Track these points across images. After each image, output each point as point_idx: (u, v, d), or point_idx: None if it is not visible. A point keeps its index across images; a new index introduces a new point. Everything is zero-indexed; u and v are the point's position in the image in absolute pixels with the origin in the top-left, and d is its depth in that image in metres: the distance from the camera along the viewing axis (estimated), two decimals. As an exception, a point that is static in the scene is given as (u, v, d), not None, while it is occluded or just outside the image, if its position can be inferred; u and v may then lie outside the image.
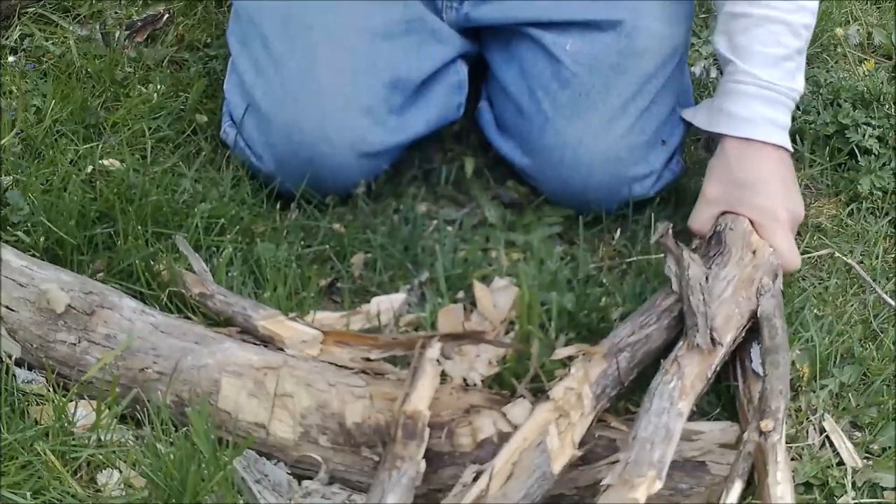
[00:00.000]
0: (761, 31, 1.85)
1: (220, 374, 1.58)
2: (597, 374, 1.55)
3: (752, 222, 1.80)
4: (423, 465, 1.43)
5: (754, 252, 1.75)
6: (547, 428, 1.48)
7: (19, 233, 1.80)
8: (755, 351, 1.67)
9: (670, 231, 1.73)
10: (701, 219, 1.85)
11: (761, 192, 1.81)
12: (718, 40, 1.89)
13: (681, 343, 1.58)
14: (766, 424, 1.51)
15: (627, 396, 1.65)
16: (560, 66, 1.95)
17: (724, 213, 1.82)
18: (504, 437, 1.50)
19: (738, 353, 1.68)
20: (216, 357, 1.59)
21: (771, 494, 1.46)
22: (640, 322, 1.63)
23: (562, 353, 1.61)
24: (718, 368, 1.61)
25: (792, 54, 1.86)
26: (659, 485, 1.42)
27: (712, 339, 1.58)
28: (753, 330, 1.68)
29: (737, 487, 1.47)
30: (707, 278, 1.66)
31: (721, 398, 1.69)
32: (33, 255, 1.75)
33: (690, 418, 1.55)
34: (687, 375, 1.54)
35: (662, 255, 1.73)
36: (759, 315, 1.67)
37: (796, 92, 1.87)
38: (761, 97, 1.84)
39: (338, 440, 1.55)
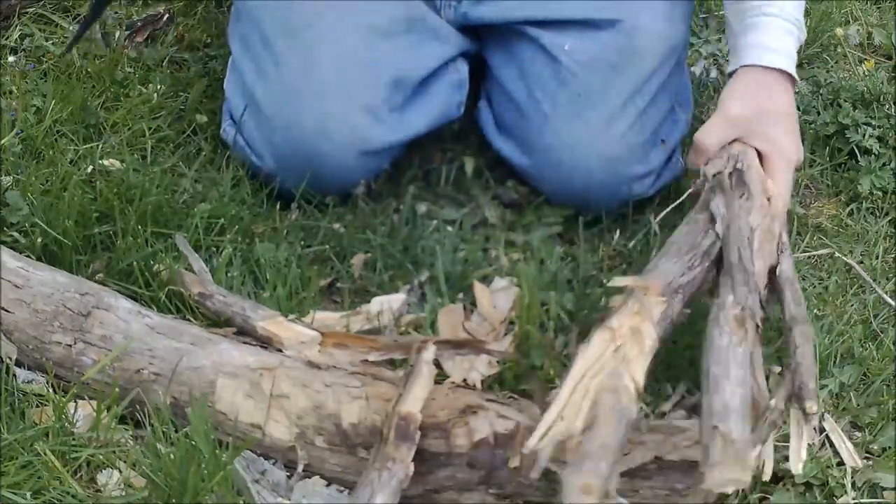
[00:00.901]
0: None
1: (216, 376, 1.58)
2: (659, 314, 1.44)
3: (759, 155, 1.77)
4: (411, 468, 1.41)
5: (769, 199, 1.70)
6: (604, 355, 1.36)
7: (14, 233, 1.80)
8: None
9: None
10: (715, 135, 1.82)
11: (781, 125, 1.82)
12: None
13: (731, 298, 1.45)
14: (811, 406, 1.41)
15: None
16: (559, 65, 1.95)
17: (732, 142, 1.80)
18: (500, 438, 1.49)
19: None
20: (212, 358, 1.59)
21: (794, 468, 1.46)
22: (687, 262, 1.54)
23: (619, 282, 1.50)
24: None
25: None
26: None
27: (762, 305, 1.46)
28: None
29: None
30: (752, 230, 1.56)
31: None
32: (29, 257, 1.75)
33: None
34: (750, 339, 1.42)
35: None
36: (779, 276, 1.58)
37: (803, 32, 1.91)
38: (787, 31, 1.87)
39: (334, 441, 1.54)
